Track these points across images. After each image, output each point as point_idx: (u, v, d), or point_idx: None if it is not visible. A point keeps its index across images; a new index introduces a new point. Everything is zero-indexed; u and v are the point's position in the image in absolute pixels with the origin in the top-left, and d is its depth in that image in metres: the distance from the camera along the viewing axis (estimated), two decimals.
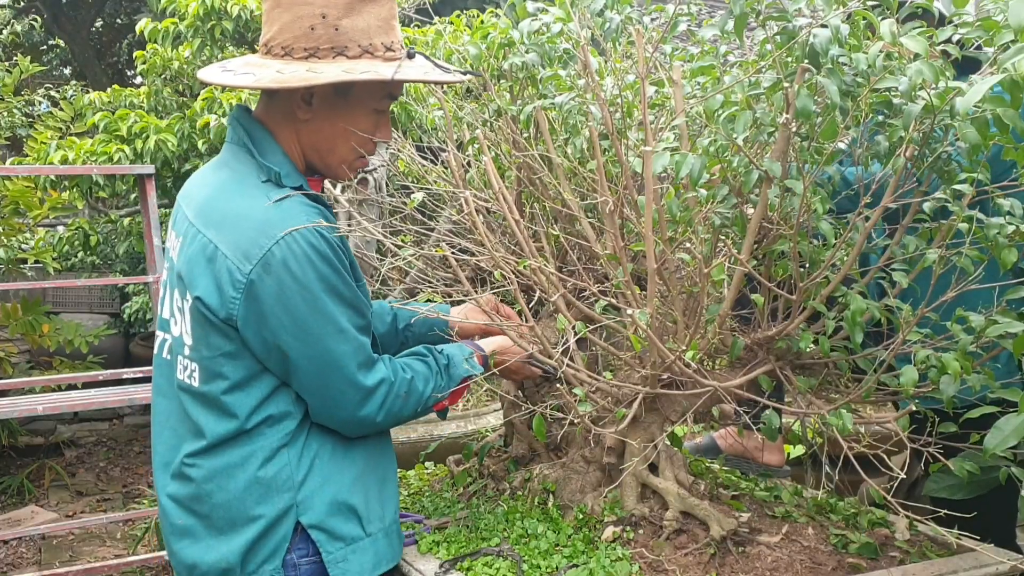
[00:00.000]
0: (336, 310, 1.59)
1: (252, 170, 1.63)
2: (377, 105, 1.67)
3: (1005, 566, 1.82)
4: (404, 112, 3.90)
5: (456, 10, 3.98)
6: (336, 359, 1.60)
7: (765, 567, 1.80)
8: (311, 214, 1.59)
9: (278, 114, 1.65)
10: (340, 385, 1.62)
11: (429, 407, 1.79)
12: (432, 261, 2.36)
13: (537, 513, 2.06)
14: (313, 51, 1.56)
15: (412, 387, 1.72)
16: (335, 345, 1.59)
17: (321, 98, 1.61)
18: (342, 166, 1.72)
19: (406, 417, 1.74)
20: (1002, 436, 1.55)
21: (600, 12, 1.93)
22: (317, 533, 1.64)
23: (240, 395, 1.61)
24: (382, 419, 1.69)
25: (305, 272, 1.55)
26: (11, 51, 9.51)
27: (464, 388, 1.87)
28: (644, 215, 1.72)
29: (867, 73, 1.54)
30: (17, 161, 5.05)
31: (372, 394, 1.65)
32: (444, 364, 1.82)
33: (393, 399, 1.68)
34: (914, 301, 1.76)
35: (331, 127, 1.64)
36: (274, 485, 1.62)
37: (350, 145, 1.68)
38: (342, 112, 1.63)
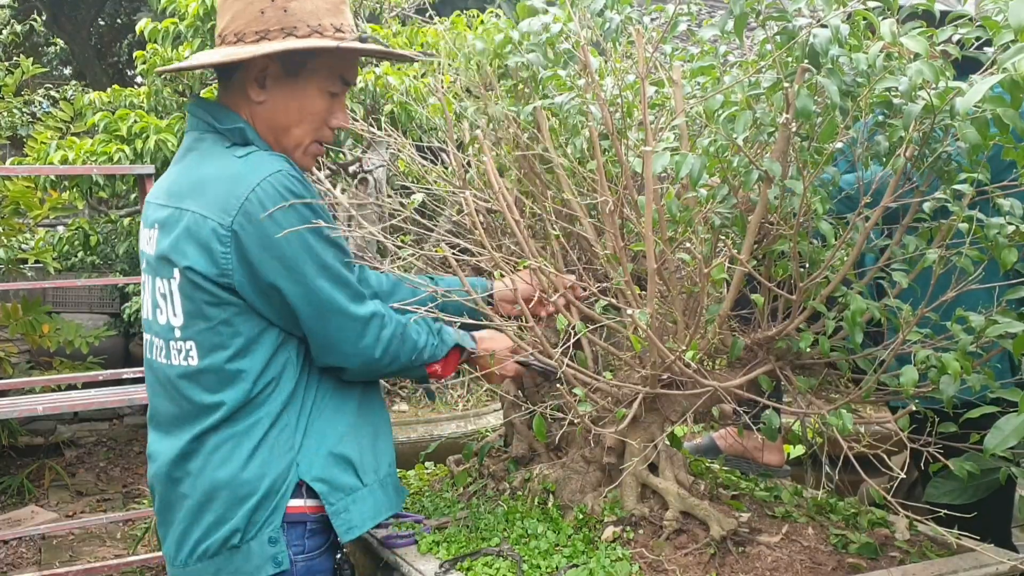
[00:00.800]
0: (318, 246, 1.63)
1: (216, 141, 1.68)
2: (330, 87, 1.71)
3: (1005, 566, 1.82)
4: (404, 112, 3.90)
5: (456, 10, 3.99)
6: (328, 295, 1.64)
7: (765, 567, 1.80)
8: (279, 161, 1.64)
9: (237, 97, 1.70)
10: (338, 320, 1.66)
11: (423, 361, 1.81)
12: (432, 261, 2.36)
13: (537, 513, 2.06)
14: (264, 34, 1.62)
15: (407, 333, 1.77)
16: (323, 282, 1.64)
17: (273, 79, 1.66)
18: (298, 150, 1.74)
19: (402, 363, 1.77)
20: (1002, 436, 1.55)
21: (600, 12, 1.93)
22: (320, 485, 1.69)
23: (244, 361, 1.65)
24: (380, 354, 1.72)
25: (284, 214, 1.58)
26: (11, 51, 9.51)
27: (455, 360, 1.89)
28: (644, 215, 1.72)
29: (867, 73, 1.54)
30: (17, 161, 5.05)
31: (367, 324, 1.69)
32: (437, 328, 1.86)
33: (390, 337, 1.73)
34: (914, 301, 1.76)
35: (285, 108, 1.68)
36: (277, 448, 1.67)
37: (305, 128, 1.71)
38: (295, 93, 1.67)
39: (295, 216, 1.60)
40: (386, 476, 1.83)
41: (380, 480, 1.80)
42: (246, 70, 1.67)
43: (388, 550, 1.98)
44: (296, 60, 1.66)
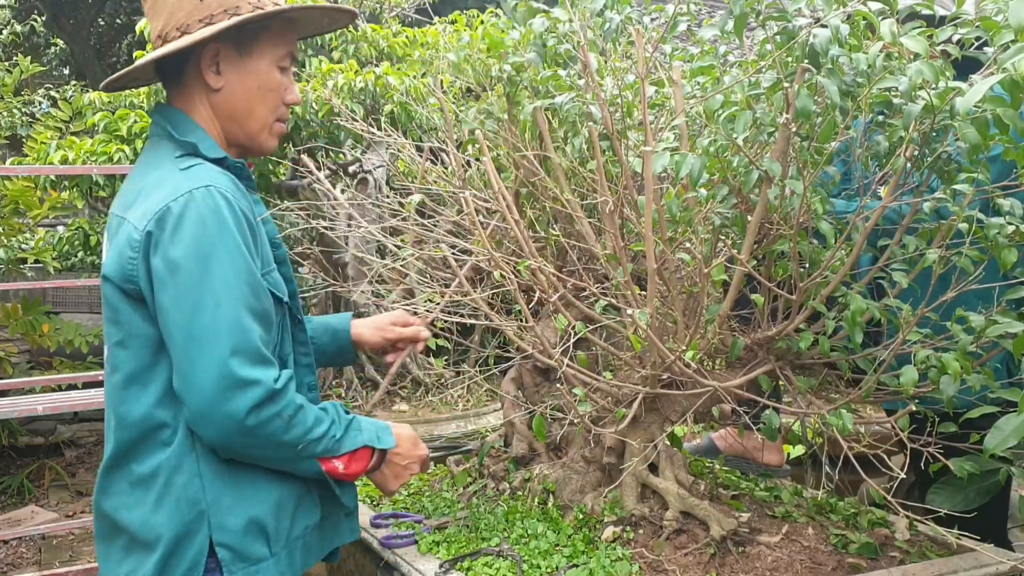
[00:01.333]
0: (221, 280, 1.45)
1: (168, 150, 1.60)
2: (281, 62, 1.67)
3: (1005, 566, 1.82)
4: (404, 112, 3.90)
5: (456, 10, 3.99)
6: (204, 334, 1.43)
7: (765, 567, 1.80)
8: (219, 177, 1.53)
9: (192, 94, 1.64)
10: (203, 364, 1.42)
11: (314, 453, 1.54)
12: (432, 261, 2.36)
13: (537, 513, 2.06)
14: (208, 19, 1.58)
15: (302, 415, 1.51)
16: (209, 318, 1.43)
17: (227, 62, 1.61)
18: (264, 131, 1.68)
19: (284, 445, 1.50)
20: (1002, 436, 1.55)
21: (600, 12, 1.93)
22: (223, 552, 1.52)
23: (134, 391, 1.51)
24: (251, 427, 1.45)
25: (198, 231, 1.44)
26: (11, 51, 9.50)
27: (365, 459, 1.63)
28: (644, 215, 1.72)
29: (867, 73, 1.54)
30: (17, 161, 5.05)
31: (244, 389, 1.43)
32: (348, 420, 1.62)
33: (274, 414, 1.46)
34: (914, 301, 1.76)
35: (244, 90, 1.63)
36: (184, 499, 1.50)
37: (267, 106, 1.66)
38: (250, 71, 1.63)
39: (208, 238, 1.45)
40: (296, 538, 1.62)
41: (289, 545, 1.60)
42: (199, 60, 1.60)
43: (388, 550, 1.98)
44: (247, 38, 1.62)
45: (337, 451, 1.57)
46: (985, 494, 1.88)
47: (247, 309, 1.47)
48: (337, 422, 1.59)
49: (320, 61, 4.05)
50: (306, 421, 1.52)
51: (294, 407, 1.50)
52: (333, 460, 1.58)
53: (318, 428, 1.54)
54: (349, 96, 3.85)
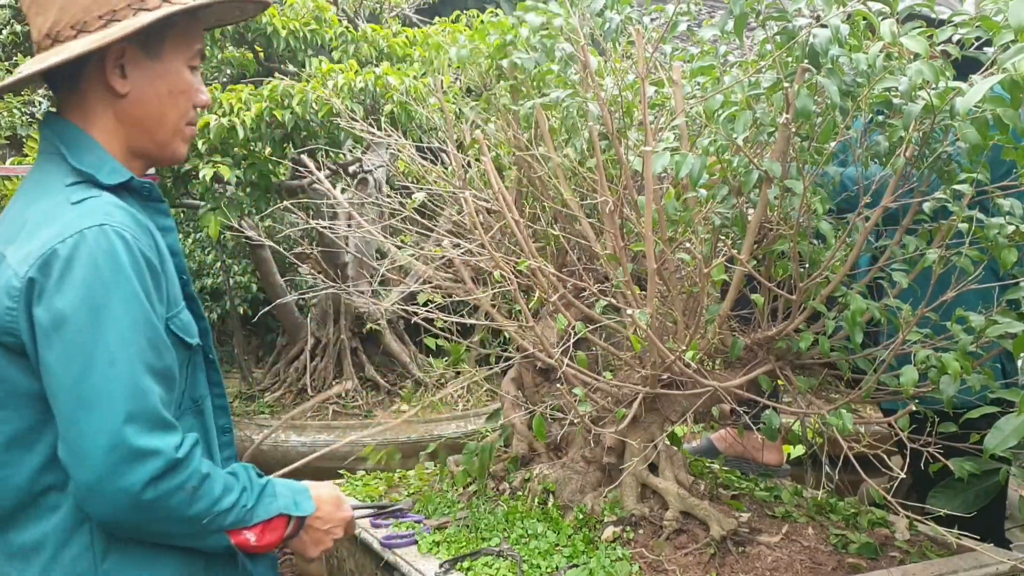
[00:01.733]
0: (116, 335, 1.26)
1: (60, 174, 1.39)
2: (191, 60, 1.49)
3: (1005, 566, 1.82)
4: (404, 112, 3.90)
5: (456, 10, 3.99)
6: (95, 397, 1.24)
7: (765, 567, 1.80)
8: (117, 213, 1.33)
9: (91, 101, 1.44)
10: (93, 432, 1.24)
11: (223, 525, 1.37)
12: (432, 261, 2.36)
13: (537, 513, 2.06)
14: (111, 15, 1.38)
15: (208, 485, 1.33)
16: (100, 379, 1.25)
17: (133, 64, 1.41)
18: (176, 137, 1.50)
19: (188, 520, 1.32)
20: (1002, 436, 1.55)
21: (600, 12, 1.93)
22: None
23: (19, 452, 1.32)
24: (149, 502, 1.27)
25: (90, 279, 1.26)
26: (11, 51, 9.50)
27: (281, 528, 1.44)
28: (644, 215, 1.72)
29: (867, 73, 1.54)
30: (17, 161, 5.05)
31: (141, 461, 1.25)
32: (261, 486, 1.43)
33: (175, 486, 1.29)
34: (913, 301, 1.76)
35: (154, 94, 1.44)
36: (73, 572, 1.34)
37: (178, 111, 1.47)
38: (159, 74, 1.44)
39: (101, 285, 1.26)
40: None
41: None
42: (103, 62, 1.39)
43: (388, 550, 1.98)
44: (155, 37, 1.42)
45: (248, 521, 1.39)
46: (985, 496, 1.88)
47: (146, 368, 1.29)
48: (249, 489, 1.41)
49: (320, 61, 4.05)
50: (213, 491, 1.34)
51: (199, 477, 1.32)
52: (244, 532, 1.39)
53: (227, 498, 1.36)
54: (349, 96, 3.85)
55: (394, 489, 2.46)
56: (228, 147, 3.80)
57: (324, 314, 4.64)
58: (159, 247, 1.39)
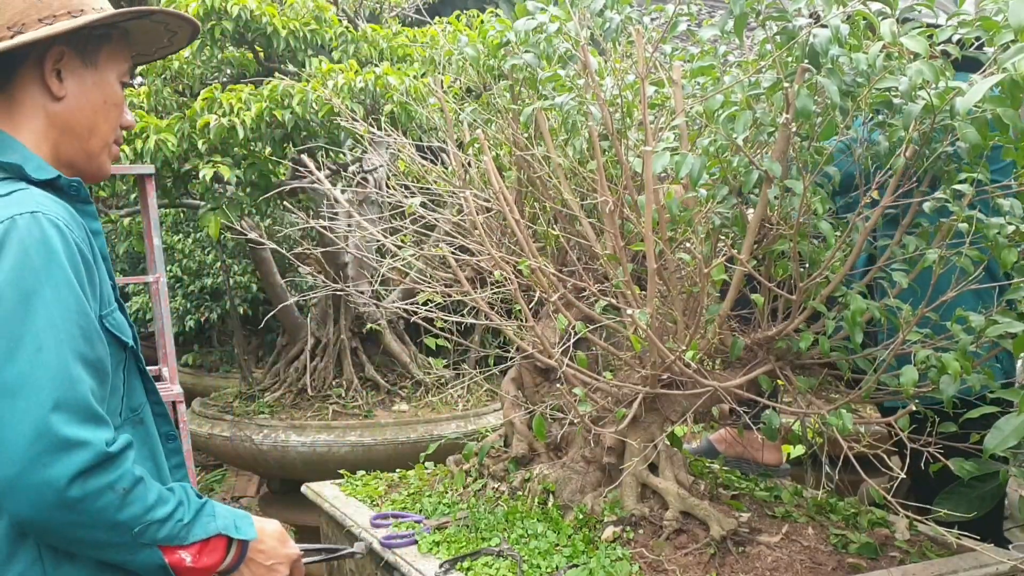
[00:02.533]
0: (45, 321, 1.21)
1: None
2: (123, 76, 1.50)
3: (1005, 566, 1.82)
4: (404, 112, 3.91)
5: (456, 10, 3.99)
6: (19, 383, 1.18)
7: (765, 567, 1.80)
8: (48, 203, 1.31)
9: (23, 104, 1.42)
10: (15, 420, 1.17)
11: (156, 538, 1.28)
12: (432, 261, 2.36)
13: (537, 513, 2.06)
14: (49, 19, 1.40)
15: (141, 490, 1.25)
16: (27, 365, 1.19)
17: (70, 70, 1.42)
18: (105, 150, 1.49)
19: (117, 526, 1.24)
20: (1002, 436, 1.55)
21: (600, 12, 1.93)
22: None
23: None
24: (74, 500, 1.18)
25: (20, 264, 1.22)
26: None
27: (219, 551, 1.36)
28: (644, 215, 1.72)
29: (867, 73, 1.54)
30: None
31: (68, 451, 1.17)
32: (200, 503, 1.36)
33: (105, 484, 1.21)
34: (913, 301, 1.76)
35: (88, 102, 1.44)
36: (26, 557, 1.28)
37: (111, 122, 1.48)
38: (95, 83, 1.45)
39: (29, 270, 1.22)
40: None
41: None
42: (41, 63, 1.40)
43: (388, 550, 1.98)
44: (92, 47, 1.44)
45: (185, 539, 1.31)
46: (991, 499, 1.88)
47: (76, 356, 1.22)
48: (186, 504, 1.33)
49: (320, 61, 4.06)
50: (146, 498, 1.26)
51: (131, 479, 1.24)
52: (179, 551, 1.30)
53: (161, 508, 1.28)
54: (349, 96, 3.85)
55: (394, 489, 2.46)
56: (228, 147, 3.80)
57: (324, 314, 4.64)
58: (92, 244, 1.36)
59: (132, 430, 1.41)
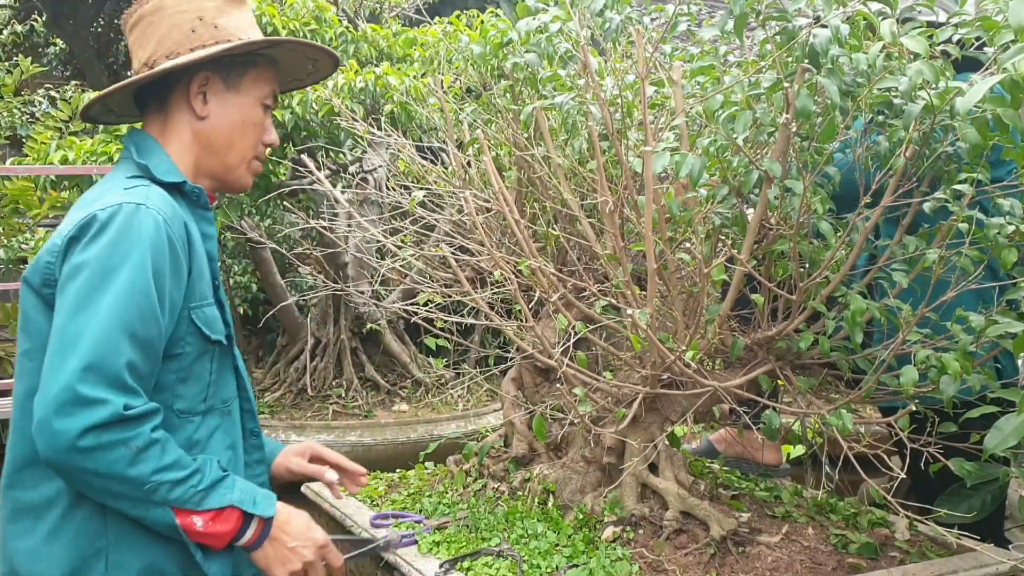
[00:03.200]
0: (113, 295, 1.36)
1: (125, 171, 1.57)
2: (265, 99, 1.69)
3: (1005, 566, 1.82)
4: (404, 112, 3.91)
5: (456, 10, 3.99)
6: (71, 341, 1.34)
7: (765, 567, 1.80)
8: (162, 203, 1.47)
9: (174, 121, 1.63)
10: (57, 371, 1.32)
11: (168, 498, 1.38)
12: (432, 261, 2.36)
13: (537, 513, 2.06)
14: (200, 48, 1.60)
15: (156, 450, 1.37)
16: (83, 326, 1.34)
17: (214, 93, 1.62)
18: (243, 165, 1.68)
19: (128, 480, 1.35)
20: (1002, 436, 1.55)
21: (600, 12, 1.93)
22: None
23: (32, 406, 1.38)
24: (86, 448, 1.31)
25: (112, 243, 1.39)
26: (11, 51, 9.50)
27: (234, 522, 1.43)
28: (644, 215, 1.72)
29: (867, 73, 1.54)
30: (17, 161, 5.05)
31: (86, 407, 1.31)
32: (219, 476, 1.45)
33: (117, 440, 1.33)
34: (913, 301, 1.76)
35: (228, 122, 1.63)
36: (82, 535, 1.42)
37: (249, 141, 1.66)
38: (235, 104, 1.64)
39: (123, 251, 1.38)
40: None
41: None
42: (188, 85, 1.61)
43: (388, 550, 1.98)
44: (235, 71, 1.64)
45: (198, 505, 1.40)
46: (993, 502, 1.87)
47: (125, 328, 1.36)
48: (203, 473, 1.42)
49: None
50: (161, 459, 1.37)
51: (146, 439, 1.35)
52: (192, 515, 1.39)
53: (175, 472, 1.38)
54: (349, 96, 3.85)
55: (394, 489, 2.46)
56: None
57: (324, 314, 4.64)
58: (191, 241, 1.51)
59: (219, 420, 1.57)
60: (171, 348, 1.48)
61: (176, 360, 1.49)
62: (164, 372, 1.47)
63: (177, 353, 1.49)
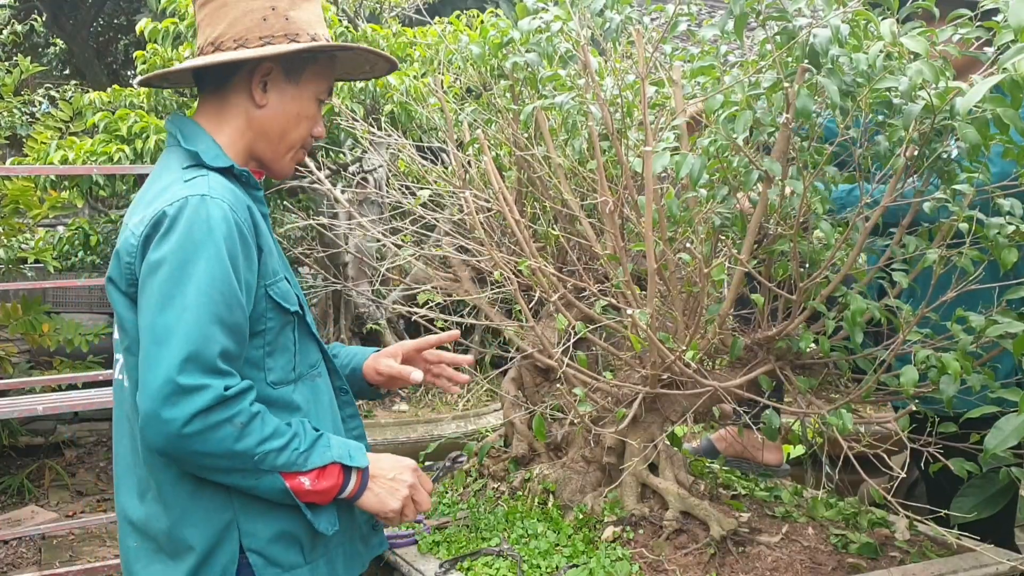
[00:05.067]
0: (195, 286, 1.43)
1: (178, 159, 1.62)
2: (321, 95, 1.73)
3: (1005, 566, 1.82)
4: (404, 112, 3.91)
5: (456, 10, 3.99)
6: (164, 335, 1.41)
7: (765, 567, 1.80)
8: (223, 190, 1.53)
9: (230, 105, 1.67)
10: (156, 365, 1.40)
11: (275, 465, 1.47)
12: (432, 261, 2.36)
13: (537, 513, 2.06)
14: (268, 39, 1.63)
15: (258, 423, 1.46)
16: (173, 319, 1.41)
17: (274, 84, 1.67)
18: (290, 153, 1.73)
19: (238, 454, 1.44)
20: (1002, 436, 1.55)
21: (600, 12, 1.93)
22: (255, 557, 1.53)
23: None
24: (194, 433, 1.40)
25: (184, 236, 1.45)
26: (11, 51, 9.50)
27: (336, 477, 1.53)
28: (644, 215, 1.72)
29: (867, 73, 1.54)
30: (17, 161, 5.05)
31: (189, 396, 1.39)
32: (315, 436, 1.54)
33: (223, 419, 1.42)
34: (913, 301, 1.76)
35: (284, 112, 1.67)
36: (210, 503, 1.51)
37: (300, 132, 1.71)
38: (293, 97, 1.68)
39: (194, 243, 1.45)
40: (338, 545, 1.63)
41: (329, 553, 1.61)
42: (250, 74, 1.65)
43: (388, 550, 1.98)
44: (297, 66, 1.68)
45: (303, 466, 1.49)
46: (1004, 495, 1.87)
47: (214, 317, 1.44)
48: (302, 435, 1.51)
49: None
50: (263, 430, 1.46)
51: (248, 414, 1.44)
52: (299, 476, 1.49)
53: (278, 439, 1.47)
54: (349, 96, 3.85)
55: None
56: None
57: (324, 314, 4.64)
58: (256, 222, 1.57)
59: (312, 383, 1.65)
60: (255, 326, 1.55)
61: (261, 336, 1.57)
62: (252, 349, 1.55)
63: (261, 330, 1.56)
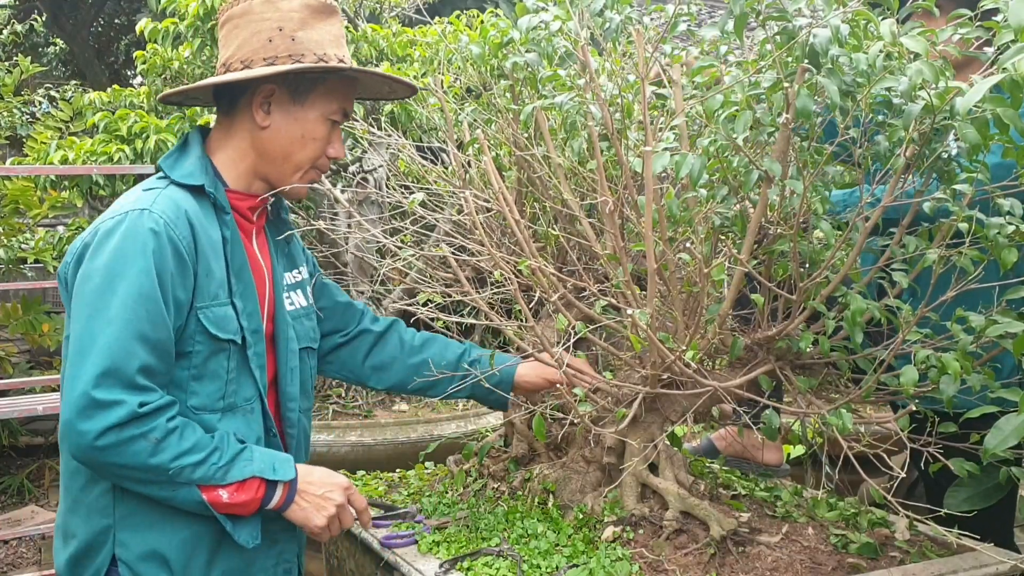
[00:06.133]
0: (120, 300, 1.45)
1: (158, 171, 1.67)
2: (332, 115, 1.71)
3: (1005, 566, 1.82)
4: (404, 112, 3.90)
5: (456, 10, 3.99)
6: (87, 347, 1.44)
7: (765, 567, 1.80)
8: (168, 205, 1.54)
9: (237, 125, 1.70)
10: (75, 377, 1.43)
11: (192, 478, 1.48)
12: (432, 261, 2.36)
13: (537, 513, 2.06)
14: (272, 60, 1.64)
15: (174, 438, 1.47)
16: (97, 333, 1.43)
17: (278, 104, 1.67)
18: (297, 174, 1.72)
19: (152, 468, 1.45)
20: (1002, 436, 1.55)
21: (600, 12, 1.93)
22: (124, 569, 1.54)
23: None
24: (106, 446, 1.42)
25: (116, 250, 1.47)
26: (11, 51, 9.50)
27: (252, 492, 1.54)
28: (644, 215, 1.72)
29: (867, 73, 1.54)
30: (17, 161, 5.05)
31: (103, 410, 1.41)
32: (237, 449, 1.54)
33: (136, 434, 1.43)
34: (913, 301, 1.76)
35: (288, 134, 1.67)
36: (95, 507, 1.55)
37: (307, 154, 1.70)
38: (298, 118, 1.67)
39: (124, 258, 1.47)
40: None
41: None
42: (252, 95, 1.66)
43: (388, 550, 1.98)
44: (303, 86, 1.67)
45: (222, 479, 1.50)
46: (999, 491, 1.87)
47: (136, 333, 1.45)
48: (222, 450, 1.52)
49: None
50: (180, 445, 1.47)
51: (164, 430, 1.45)
52: (217, 489, 1.50)
53: (196, 453, 1.48)
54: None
55: (394, 489, 2.46)
56: None
57: None
58: (198, 242, 1.55)
59: (243, 417, 1.63)
60: (182, 346, 1.55)
61: (188, 358, 1.56)
62: (179, 369, 1.55)
63: (188, 351, 1.55)
